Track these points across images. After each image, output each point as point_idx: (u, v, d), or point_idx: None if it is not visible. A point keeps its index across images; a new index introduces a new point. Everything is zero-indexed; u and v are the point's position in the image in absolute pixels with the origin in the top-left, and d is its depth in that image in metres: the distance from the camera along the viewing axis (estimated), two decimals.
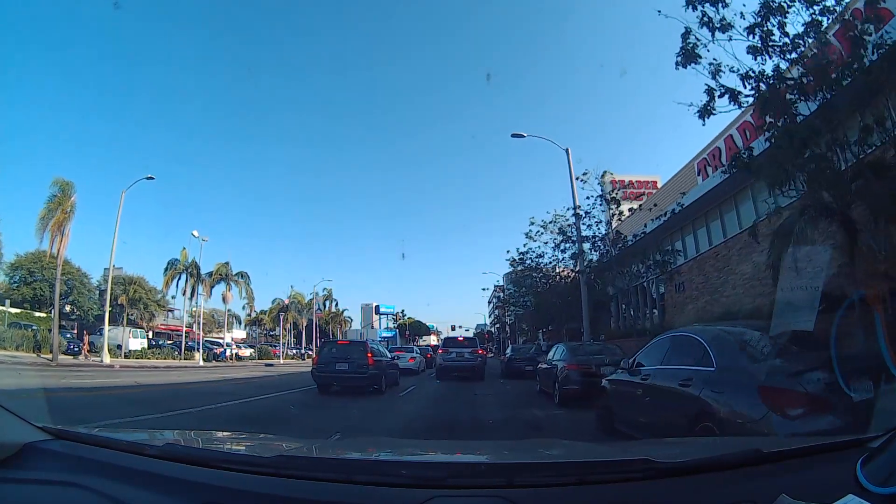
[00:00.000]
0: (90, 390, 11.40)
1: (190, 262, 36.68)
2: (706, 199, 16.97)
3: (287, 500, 1.25)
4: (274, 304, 58.67)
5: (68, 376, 14.44)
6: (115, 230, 25.85)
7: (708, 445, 2.40)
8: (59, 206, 22.70)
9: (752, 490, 1.24)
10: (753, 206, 15.20)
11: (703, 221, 18.60)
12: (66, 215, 22.84)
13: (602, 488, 1.29)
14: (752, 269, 14.13)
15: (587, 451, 2.21)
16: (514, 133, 19.02)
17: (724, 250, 17.11)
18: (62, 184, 23.25)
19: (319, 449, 2.11)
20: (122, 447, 1.57)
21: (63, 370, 17.64)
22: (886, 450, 1.22)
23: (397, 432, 6.89)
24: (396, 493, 1.26)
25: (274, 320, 55.96)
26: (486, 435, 6.69)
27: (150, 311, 45.04)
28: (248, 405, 9.88)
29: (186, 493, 1.31)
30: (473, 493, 1.26)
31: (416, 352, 24.50)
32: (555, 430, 7.40)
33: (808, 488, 1.16)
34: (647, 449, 1.81)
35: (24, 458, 1.45)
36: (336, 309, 66.89)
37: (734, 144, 16.46)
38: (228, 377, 18.97)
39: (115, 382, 14.25)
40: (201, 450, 1.69)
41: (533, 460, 1.86)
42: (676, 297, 20.54)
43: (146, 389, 12.99)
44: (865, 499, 1.00)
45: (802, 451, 1.47)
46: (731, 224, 16.89)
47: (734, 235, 16.47)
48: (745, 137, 15.89)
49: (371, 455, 2.06)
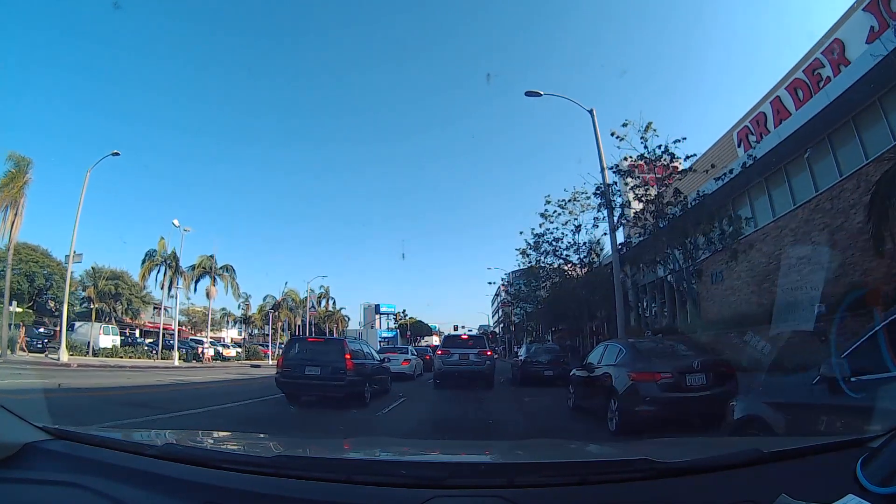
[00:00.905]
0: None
1: (168, 254, 33.71)
2: (792, 144, 13.45)
3: (287, 500, 1.26)
4: (265, 301, 56.08)
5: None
6: (78, 212, 24.09)
7: (708, 445, 2.40)
8: (13, 181, 21.37)
9: (752, 490, 1.25)
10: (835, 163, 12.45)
11: (760, 190, 15.66)
12: (19, 191, 21.48)
13: (602, 488, 1.29)
14: (809, 251, 12.44)
15: (587, 451, 2.21)
16: (528, 91, 15.82)
17: (775, 230, 14.84)
18: (18, 159, 22.00)
19: (319, 449, 2.11)
20: (122, 447, 1.57)
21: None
22: (886, 450, 1.22)
23: None
24: (396, 493, 1.26)
25: (265, 318, 53.76)
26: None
27: (133, 307, 43.70)
28: (164, 423, 7.53)
29: (186, 493, 1.31)
30: (473, 493, 1.26)
31: (411, 353, 20.61)
32: None
33: (808, 488, 1.17)
34: (648, 449, 1.81)
35: (24, 458, 1.45)
36: (333, 307, 64.72)
37: (783, 107, 14.64)
38: (189, 381, 16.37)
39: (25, 384, 10.86)
40: (201, 450, 1.69)
41: (533, 460, 1.86)
42: (713, 289, 18.06)
43: (54, 395, 9.60)
44: (865, 499, 1.00)
45: (802, 451, 1.47)
46: (797, 192, 13.95)
47: (790, 210, 13.82)
48: (797, 98, 14.04)
49: (371, 455, 2.06)
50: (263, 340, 56.05)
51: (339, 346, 10.40)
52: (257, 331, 61.84)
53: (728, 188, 14.43)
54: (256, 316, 57.85)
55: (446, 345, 16.00)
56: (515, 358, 20.26)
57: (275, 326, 52.73)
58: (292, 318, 54.84)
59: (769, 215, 15.74)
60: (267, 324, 51.61)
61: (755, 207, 16.39)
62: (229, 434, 3.06)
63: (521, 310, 42.02)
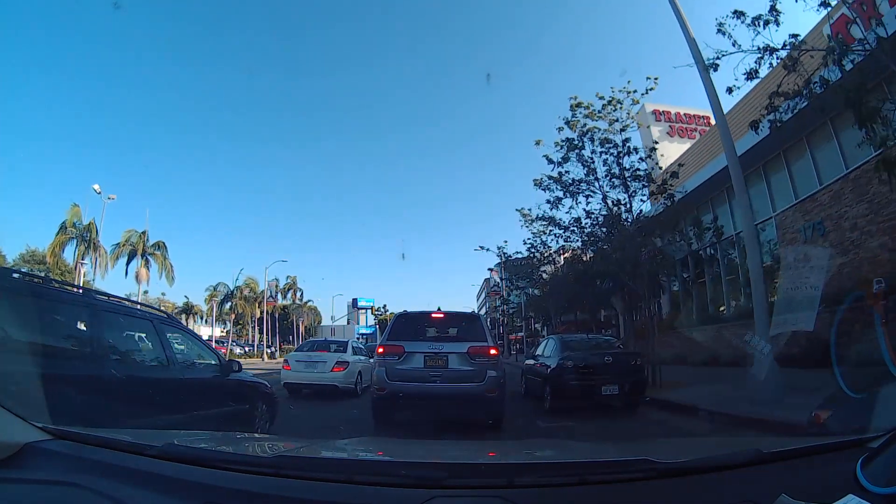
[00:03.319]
0: None
1: (84, 225, 27.34)
2: None
3: (287, 500, 1.26)
4: (216, 289, 46.06)
5: None
6: None
7: (708, 445, 2.40)
8: None
9: (752, 490, 1.25)
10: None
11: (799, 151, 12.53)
12: None
13: (602, 488, 1.30)
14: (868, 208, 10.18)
15: (587, 451, 2.21)
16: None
17: (823, 196, 11.76)
18: None
19: (319, 449, 2.11)
20: (122, 447, 1.57)
21: None
22: (886, 450, 1.22)
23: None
24: (396, 493, 1.26)
25: (221, 311, 46.79)
26: None
27: None
28: None
29: (186, 493, 1.31)
30: (473, 493, 1.27)
31: (351, 352, 12.29)
32: None
33: (808, 488, 1.16)
34: (647, 449, 1.81)
35: (24, 458, 1.45)
36: (300, 300, 57.23)
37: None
38: None
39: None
40: (201, 450, 1.69)
41: (533, 460, 1.87)
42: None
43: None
44: (865, 499, 1.00)
45: (802, 451, 1.47)
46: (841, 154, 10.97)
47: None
48: None
49: (371, 455, 2.06)
50: (249, 340, 50.91)
51: None
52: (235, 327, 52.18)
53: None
54: (204, 307, 49.81)
55: (396, 332, 7.17)
56: (533, 360, 11.16)
57: (226, 318, 47.59)
58: (249, 310, 46.53)
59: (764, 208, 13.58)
60: (222, 317, 46.08)
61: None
62: (229, 434, 3.06)
63: (517, 297, 34.01)
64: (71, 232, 27.38)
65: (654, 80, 12.73)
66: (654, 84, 12.72)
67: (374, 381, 7.08)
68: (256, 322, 47.64)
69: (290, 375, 11.51)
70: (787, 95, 7.77)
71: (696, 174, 15.95)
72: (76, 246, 27.46)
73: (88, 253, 27.71)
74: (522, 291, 31.84)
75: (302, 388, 11.31)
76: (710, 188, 15.80)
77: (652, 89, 12.81)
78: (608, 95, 12.69)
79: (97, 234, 27.81)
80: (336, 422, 8.02)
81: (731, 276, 16.25)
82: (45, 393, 2.43)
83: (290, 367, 11.70)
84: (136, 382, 3.91)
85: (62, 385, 3.08)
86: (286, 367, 11.81)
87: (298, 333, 56.48)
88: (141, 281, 31.81)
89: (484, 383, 6.62)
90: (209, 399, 4.75)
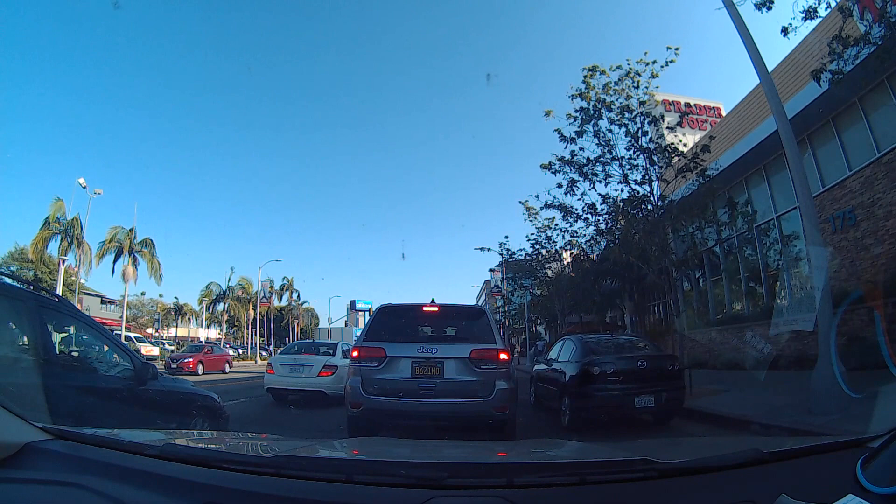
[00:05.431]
0: None
1: (68, 220, 26.14)
2: None
3: (287, 500, 1.26)
4: (208, 288, 45.20)
5: None
6: None
7: (708, 445, 2.40)
8: None
9: (752, 490, 1.25)
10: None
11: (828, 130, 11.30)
12: None
13: (602, 488, 1.30)
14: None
15: (587, 451, 2.21)
16: None
17: (853, 182, 10.74)
18: None
19: (319, 449, 2.11)
20: (122, 447, 1.57)
21: None
22: (886, 450, 1.22)
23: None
24: (396, 493, 1.26)
25: (214, 312, 45.86)
26: None
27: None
28: None
29: (186, 493, 1.31)
30: (473, 493, 1.27)
31: (338, 354, 11.03)
32: None
33: (808, 488, 1.17)
34: (647, 449, 1.81)
35: (24, 458, 1.45)
36: (297, 301, 56.12)
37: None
38: None
39: None
40: (201, 450, 1.69)
41: (533, 460, 1.86)
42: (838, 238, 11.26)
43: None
44: (865, 499, 1.00)
45: (802, 451, 1.47)
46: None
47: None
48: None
49: (371, 455, 2.06)
50: (243, 342, 49.53)
51: None
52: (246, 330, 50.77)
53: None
54: (197, 308, 48.50)
55: (376, 332, 5.66)
56: (546, 365, 9.50)
57: (218, 319, 46.84)
58: (242, 311, 45.03)
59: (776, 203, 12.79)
60: (216, 318, 45.41)
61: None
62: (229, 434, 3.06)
63: (519, 297, 32.93)
64: (54, 227, 26.27)
65: (676, 50, 11.40)
66: (676, 55, 11.39)
67: (347, 395, 5.51)
68: (250, 323, 45.43)
69: (273, 380, 10.73)
70: (848, 43, 6.93)
71: (726, 151, 14.17)
72: (59, 242, 26.51)
73: (72, 249, 26.74)
74: (527, 291, 30.12)
75: (287, 393, 10.46)
76: (742, 167, 14.11)
77: (672, 61, 11.42)
78: (626, 67, 11.41)
79: (82, 229, 26.68)
80: (321, 434, 6.79)
81: (753, 270, 14.57)
82: None
83: (273, 371, 10.85)
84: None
85: None
86: (270, 372, 11.02)
87: (295, 336, 56.04)
88: (128, 279, 30.26)
89: (492, 398, 5.13)
90: (112, 413, 3.46)
